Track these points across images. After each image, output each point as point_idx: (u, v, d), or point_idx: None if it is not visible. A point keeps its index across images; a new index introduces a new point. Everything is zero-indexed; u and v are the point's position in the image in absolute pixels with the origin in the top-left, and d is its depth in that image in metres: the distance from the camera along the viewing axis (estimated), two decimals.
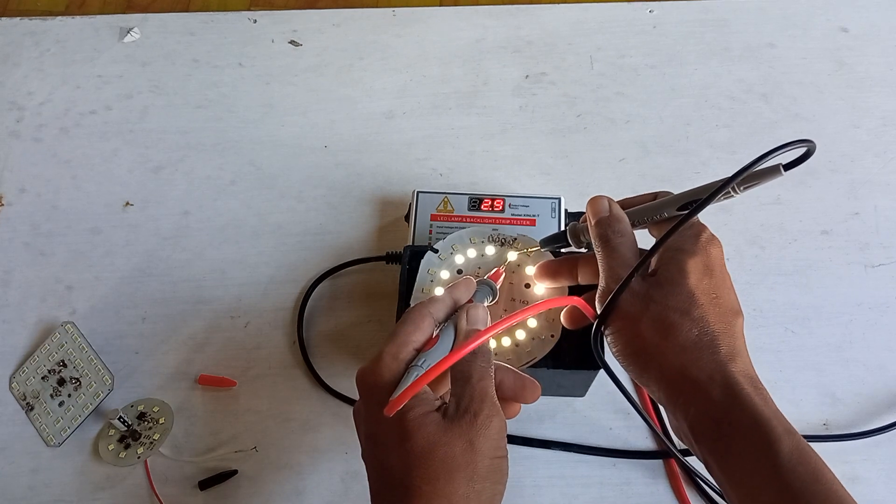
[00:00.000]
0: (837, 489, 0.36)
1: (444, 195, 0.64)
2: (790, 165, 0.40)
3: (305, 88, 0.79)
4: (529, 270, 0.54)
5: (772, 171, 0.40)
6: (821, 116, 0.74)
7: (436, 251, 0.55)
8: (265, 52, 0.82)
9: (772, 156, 0.38)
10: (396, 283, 0.56)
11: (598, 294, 0.43)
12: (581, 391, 0.59)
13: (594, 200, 0.46)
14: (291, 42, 0.82)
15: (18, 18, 0.85)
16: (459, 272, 0.55)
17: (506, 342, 0.52)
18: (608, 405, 0.60)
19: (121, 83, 0.80)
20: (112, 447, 0.59)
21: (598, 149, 0.73)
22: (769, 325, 0.63)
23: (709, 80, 0.77)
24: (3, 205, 0.72)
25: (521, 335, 0.52)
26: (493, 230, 0.56)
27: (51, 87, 0.80)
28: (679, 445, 0.57)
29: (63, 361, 0.62)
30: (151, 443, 0.58)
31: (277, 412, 0.61)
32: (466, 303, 0.47)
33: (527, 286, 0.54)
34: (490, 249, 0.55)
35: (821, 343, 0.62)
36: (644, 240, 0.46)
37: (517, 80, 0.79)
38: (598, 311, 0.43)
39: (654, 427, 0.48)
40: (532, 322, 0.52)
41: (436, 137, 0.75)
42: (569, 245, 0.50)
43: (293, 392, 0.62)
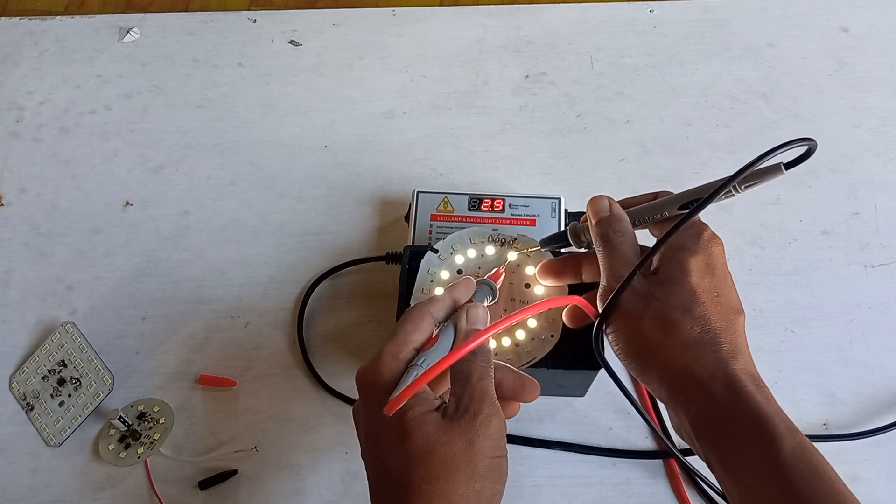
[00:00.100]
0: (840, 487, 0.36)
1: (444, 195, 0.64)
2: (791, 164, 0.40)
3: (305, 88, 0.79)
4: (529, 270, 0.54)
5: (773, 170, 0.40)
6: (821, 116, 0.74)
7: (436, 251, 0.55)
8: (265, 52, 0.82)
9: (773, 154, 0.38)
10: (396, 283, 0.56)
11: (600, 293, 0.43)
12: (581, 391, 0.59)
13: (594, 200, 0.46)
14: (291, 42, 0.82)
15: (18, 18, 0.85)
16: (459, 272, 0.55)
17: (506, 342, 0.52)
18: (608, 405, 0.60)
19: (120, 83, 0.80)
20: (112, 447, 0.59)
21: (598, 149, 0.73)
22: (769, 325, 0.63)
23: (709, 80, 0.77)
24: (3, 205, 0.72)
25: (521, 335, 0.52)
26: (493, 230, 0.56)
27: (50, 87, 0.80)
28: (679, 445, 0.57)
29: (63, 361, 0.62)
30: (151, 443, 0.58)
31: (277, 412, 0.61)
32: (466, 303, 0.47)
33: (527, 286, 0.54)
34: (490, 249, 0.55)
35: (821, 343, 0.62)
36: (645, 239, 0.46)
37: (517, 80, 0.79)
38: (600, 310, 0.43)
39: (654, 426, 0.48)
40: (532, 322, 0.52)
41: (436, 137, 0.75)
42: (569, 245, 0.50)
43: (293, 392, 0.62)
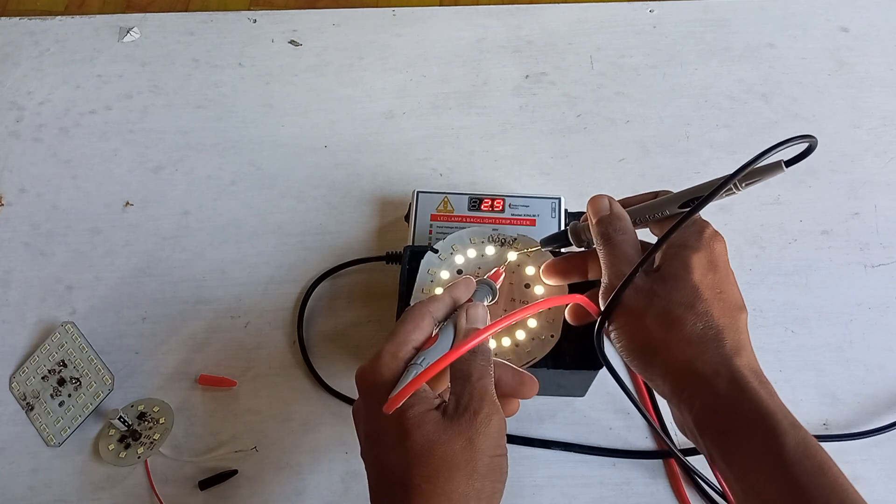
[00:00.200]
0: (843, 483, 0.36)
1: (444, 195, 0.64)
2: (792, 161, 0.40)
3: (305, 88, 0.79)
4: (529, 270, 0.54)
5: (773, 168, 0.40)
6: (821, 116, 0.74)
7: (436, 251, 0.55)
8: (265, 52, 0.82)
9: (773, 152, 0.38)
10: (396, 283, 0.56)
11: (602, 291, 0.43)
12: (581, 391, 0.59)
13: (595, 199, 0.46)
14: (291, 42, 0.82)
15: (18, 18, 0.85)
16: (459, 272, 0.55)
17: (506, 342, 0.52)
18: (608, 405, 0.60)
19: (120, 83, 0.80)
20: (112, 447, 0.59)
21: (598, 149, 0.73)
22: (769, 325, 0.63)
23: (709, 80, 0.77)
24: (3, 205, 0.72)
25: (521, 335, 0.52)
26: (493, 230, 0.56)
27: (50, 87, 0.80)
28: (680, 445, 0.57)
29: (63, 361, 0.62)
30: (151, 443, 0.58)
31: (277, 412, 0.61)
32: (466, 302, 0.47)
33: (527, 286, 0.54)
34: (490, 249, 0.55)
35: (821, 343, 0.62)
36: (645, 239, 0.46)
37: (517, 80, 0.79)
38: (602, 308, 0.43)
39: (653, 423, 0.48)
40: (532, 322, 0.52)
41: (436, 137, 0.75)
42: (569, 244, 0.50)
43: (293, 392, 0.62)
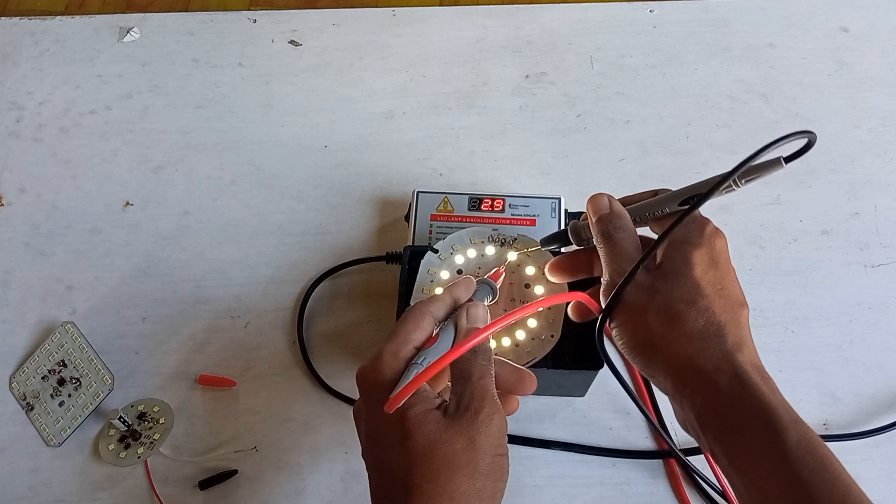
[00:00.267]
0: (845, 478, 0.36)
1: (444, 195, 0.64)
2: (791, 157, 0.40)
3: (305, 88, 0.79)
4: (529, 270, 0.54)
5: (773, 164, 0.40)
6: (821, 116, 0.74)
7: (436, 251, 0.55)
8: (265, 52, 0.82)
9: (772, 147, 0.38)
10: (396, 283, 0.56)
11: (603, 288, 0.43)
12: (581, 391, 0.59)
13: (594, 198, 0.46)
14: (291, 42, 0.82)
15: (18, 18, 0.85)
16: (459, 272, 0.55)
17: (506, 342, 0.52)
18: (608, 405, 0.60)
19: (121, 83, 0.80)
20: (112, 447, 0.59)
21: (598, 149, 0.73)
22: (769, 325, 0.63)
23: (709, 80, 0.77)
24: (3, 205, 0.72)
25: (521, 335, 0.52)
26: (493, 230, 0.56)
27: (50, 87, 0.80)
28: (680, 445, 0.57)
29: (63, 361, 0.62)
30: (151, 443, 0.58)
31: (277, 412, 0.61)
32: (466, 302, 0.47)
33: (526, 286, 0.54)
34: (490, 249, 0.55)
35: (821, 343, 0.62)
36: (646, 238, 0.46)
37: (517, 80, 0.79)
38: (603, 305, 0.43)
39: (652, 420, 0.48)
40: (532, 322, 0.52)
41: (436, 137, 0.75)
42: (569, 244, 0.50)
43: (293, 392, 0.62)
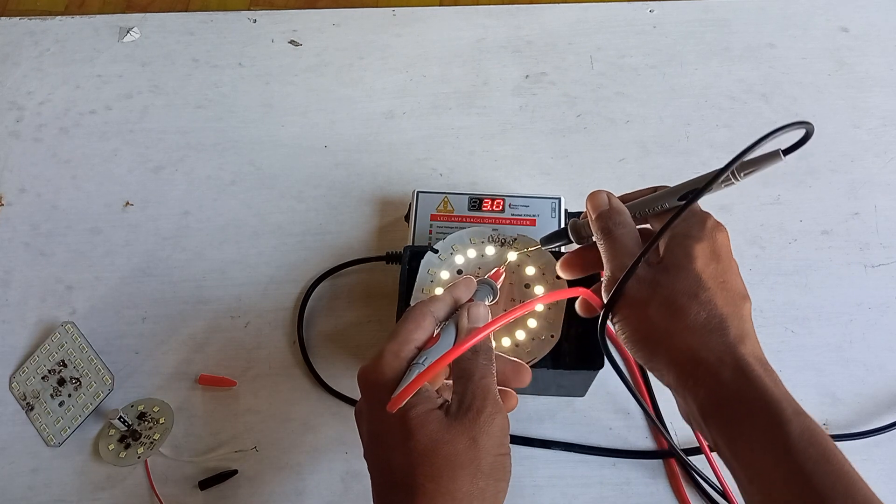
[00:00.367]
0: (848, 469, 0.36)
1: (444, 195, 0.64)
2: (790, 150, 0.40)
3: (305, 88, 0.79)
4: (529, 270, 0.54)
5: (771, 157, 0.40)
6: (821, 116, 0.74)
7: (436, 251, 0.55)
8: (265, 52, 0.82)
9: (770, 138, 0.38)
10: (396, 283, 0.56)
11: (605, 283, 0.43)
12: (581, 391, 0.59)
13: (593, 195, 0.46)
14: (291, 42, 0.82)
15: (18, 18, 0.85)
16: (459, 272, 0.55)
17: (506, 342, 0.52)
18: (608, 405, 0.60)
19: (121, 83, 0.80)
20: (112, 447, 0.59)
21: (598, 149, 0.73)
22: (769, 325, 0.63)
23: (709, 80, 0.77)
24: (3, 205, 0.72)
25: (521, 335, 0.52)
26: (493, 230, 0.56)
27: (50, 87, 0.80)
28: (680, 445, 0.57)
29: (63, 361, 0.62)
30: (151, 443, 0.58)
31: (277, 412, 0.61)
32: (467, 302, 0.47)
33: (526, 286, 0.54)
34: (490, 249, 0.55)
35: (821, 343, 0.62)
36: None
37: (517, 80, 0.79)
38: (605, 300, 0.43)
39: (650, 413, 0.47)
40: (532, 322, 0.52)
41: (436, 137, 0.75)
42: (570, 242, 0.50)
43: (293, 392, 0.61)
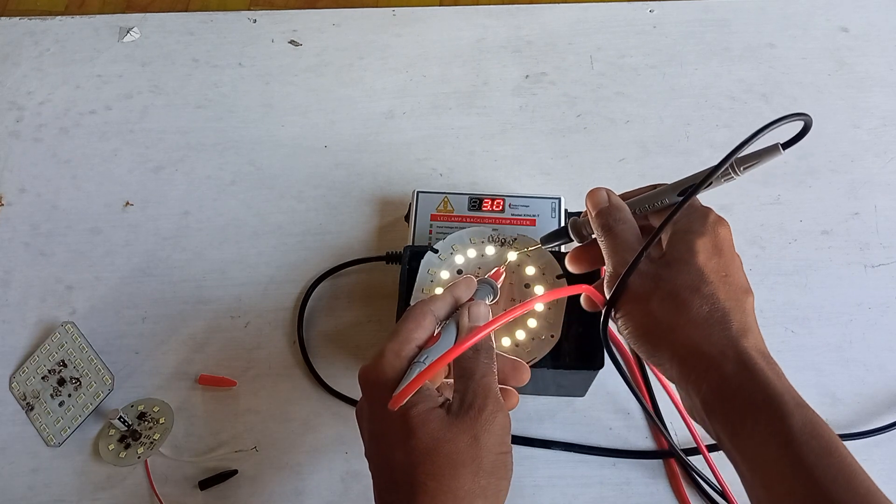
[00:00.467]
0: (850, 462, 0.36)
1: (444, 195, 0.64)
2: (789, 143, 0.40)
3: (305, 88, 0.79)
4: (529, 270, 0.54)
5: (771, 151, 0.40)
6: (821, 116, 0.74)
7: (436, 251, 0.55)
8: (265, 52, 0.82)
9: (768, 129, 0.38)
10: (396, 283, 0.56)
11: (607, 279, 0.43)
12: (581, 391, 0.59)
13: (593, 192, 0.46)
14: (291, 42, 0.82)
15: (18, 18, 0.85)
16: (459, 272, 0.55)
17: (506, 342, 0.52)
18: (608, 405, 0.60)
19: (121, 83, 0.80)
20: (112, 447, 0.59)
21: (598, 149, 0.73)
22: (769, 325, 0.63)
23: (709, 80, 0.77)
24: (3, 205, 0.72)
25: (521, 335, 0.52)
26: (493, 230, 0.56)
27: (50, 87, 0.80)
28: (680, 446, 0.57)
29: (63, 361, 0.62)
30: (151, 443, 0.58)
31: (277, 412, 0.61)
32: (468, 301, 0.47)
33: (526, 286, 0.54)
34: (490, 249, 0.55)
35: (821, 343, 0.62)
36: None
37: (517, 80, 0.79)
38: (607, 296, 0.43)
39: (649, 411, 0.47)
40: (532, 322, 0.52)
41: (436, 137, 0.75)
42: (570, 241, 0.50)
43: (293, 392, 0.61)
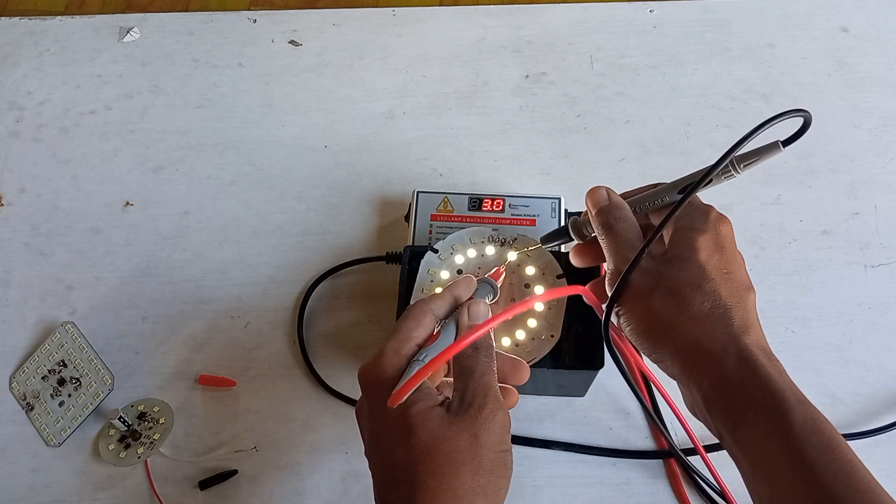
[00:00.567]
0: (851, 458, 0.36)
1: (444, 195, 0.64)
2: (789, 141, 0.40)
3: (305, 88, 0.79)
4: (529, 270, 0.54)
5: (771, 148, 0.40)
6: (821, 116, 0.74)
7: (436, 251, 0.55)
8: (265, 52, 0.82)
9: (767, 126, 0.38)
10: (396, 283, 0.56)
11: (608, 277, 0.43)
12: (581, 391, 0.59)
13: (592, 191, 0.46)
14: (291, 42, 0.82)
15: (18, 18, 0.85)
16: (459, 272, 0.55)
17: (506, 342, 0.52)
18: (608, 405, 0.60)
19: (121, 83, 0.80)
20: (112, 447, 0.59)
21: (598, 149, 0.73)
22: (769, 325, 0.62)
23: (709, 80, 0.77)
24: (3, 205, 0.72)
25: (521, 335, 0.52)
26: (493, 230, 0.56)
27: (50, 87, 0.80)
28: (680, 445, 0.57)
29: (63, 361, 0.62)
30: (151, 443, 0.58)
31: (277, 412, 0.61)
32: (467, 300, 0.47)
33: (526, 286, 0.54)
34: (490, 249, 0.55)
35: (821, 343, 0.62)
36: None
37: (517, 80, 0.79)
38: (610, 293, 0.43)
39: (649, 409, 0.47)
40: (532, 322, 0.52)
41: (436, 137, 0.75)
42: (570, 240, 0.50)
43: (293, 392, 0.61)
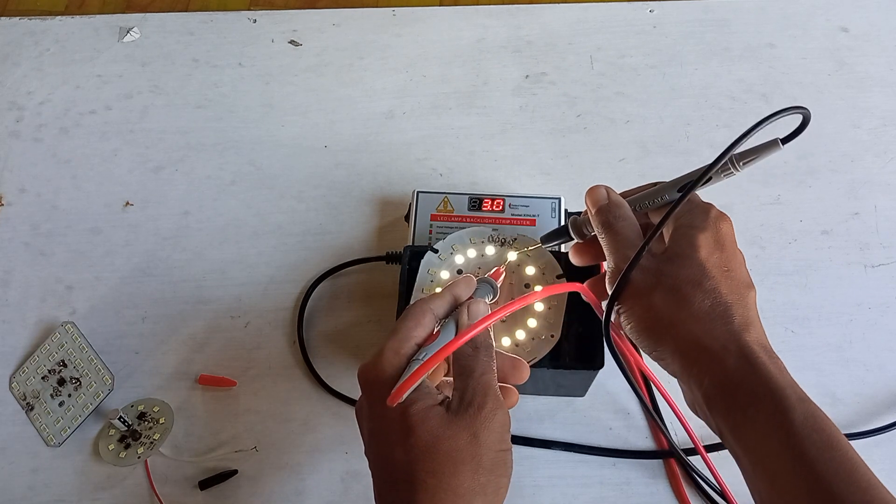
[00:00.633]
0: (852, 456, 0.36)
1: (444, 195, 0.64)
2: (788, 138, 0.40)
3: (305, 88, 0.79)
4: (529, 270, 0.54)
5: (770, 146, 0.40)
6: (821, 116, 0.74)
7: (436, 251, 0.55)
8: (265, 52, 0.82)
9: (767, 123, 0.39)
10: (396, 283, 0.56)
11: (608, 276, 0.43)
12: (581, 391, 0.59)
13: (592, 190, 0.46)
14: (291, 42, 0.82)
15: (18, 18, 0.85)
16: (459, 272, 0.55)
17: (506, 342, 0.52)
18: (608, 405, 0.60)
19: (121, 83, 0.80)
20: (112, 447, 0.59)
21: (598, 149, 0.73)
22: (769, 325, 0.61)
23: (709, 80, 0.77)
24: (3, 205, 0.72)
25: (521, 335, 0.52)
26: (493, 230, 0.56)
27: (50, 87, 0.80)
28: (681, 445, 0.57)
29: (63, 361, 0.62)
30: (151, 443, 0.58)
31: (277, 412, 0.61)
32: (467, 299, 0.47)
33: (526, 286, 0.54)
34: (490, 249, 0.55)
35: (821, 343, 0.62)
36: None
37: (517, 80, 0.79)
38: (610, 291, 0.43)
39: (649, 408, 0.47)
40: (532, 322, 0.52)
41: (436, 137, 0.75)
42: (570, 240, 0.50)
43: (293, 392, 0.62)
